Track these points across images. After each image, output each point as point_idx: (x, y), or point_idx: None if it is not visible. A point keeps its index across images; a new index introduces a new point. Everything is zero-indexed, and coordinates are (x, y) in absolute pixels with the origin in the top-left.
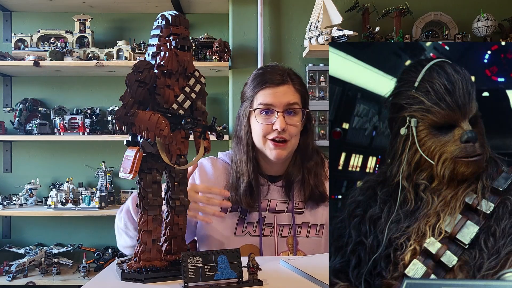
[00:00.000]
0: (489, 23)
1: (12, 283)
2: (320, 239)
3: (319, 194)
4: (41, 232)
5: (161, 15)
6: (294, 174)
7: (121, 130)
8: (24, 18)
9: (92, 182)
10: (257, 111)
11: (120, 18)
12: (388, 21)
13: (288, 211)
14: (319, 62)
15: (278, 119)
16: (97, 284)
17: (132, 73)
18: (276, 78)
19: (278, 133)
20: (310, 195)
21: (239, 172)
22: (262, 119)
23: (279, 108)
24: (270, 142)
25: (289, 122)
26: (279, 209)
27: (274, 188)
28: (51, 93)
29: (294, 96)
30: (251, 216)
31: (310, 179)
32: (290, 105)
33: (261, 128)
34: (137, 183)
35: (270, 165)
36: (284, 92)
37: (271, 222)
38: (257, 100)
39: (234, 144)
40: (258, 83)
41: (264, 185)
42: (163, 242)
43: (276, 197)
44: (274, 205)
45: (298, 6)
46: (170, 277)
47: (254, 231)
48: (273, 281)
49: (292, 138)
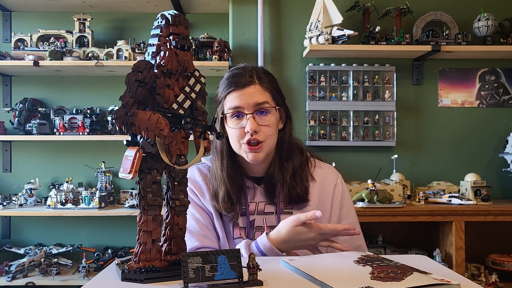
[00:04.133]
0: (489, 22)
1: (11, 283)
2: None
3: (296, 195)
4: (40, 232)
5: (161, 14)
6: (274, 174)
7: (121, 130)
8: (24, 18)
9: (91, 182)
10: (228, 116)
11: (120, 18)
12: (389, 20)
13: (276, 212)
14: (319, 62)
15: (248, 121)
16: (97, 284)
17: (132, 73)
18: (241, 80)
19: (251, 135)
20: (289, 195)
21: (216, 179)
22: (234, 123)
23: (248, 110)
24: (244, 145)
25: (261, 122)
26: (267, 211)
27: (260, 190)
28: (50, 93)
29: (263, 95)
30: (241, 220)
31: (287, 178)
32: (259, 105)
33: (234, 132)
34: (137, 183)
35: (251, 167)
36: (251, 93)
37: (261, 225)
38: (227, 104)
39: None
40: (225, 86)
41: (250, 187)
42: (163, 242)
43: (264, 199)
44: (263, 207)
45: (298, 6)
46: (170, 278)
47: (246, 235)
48: (273, 281)
49: (267, 139)
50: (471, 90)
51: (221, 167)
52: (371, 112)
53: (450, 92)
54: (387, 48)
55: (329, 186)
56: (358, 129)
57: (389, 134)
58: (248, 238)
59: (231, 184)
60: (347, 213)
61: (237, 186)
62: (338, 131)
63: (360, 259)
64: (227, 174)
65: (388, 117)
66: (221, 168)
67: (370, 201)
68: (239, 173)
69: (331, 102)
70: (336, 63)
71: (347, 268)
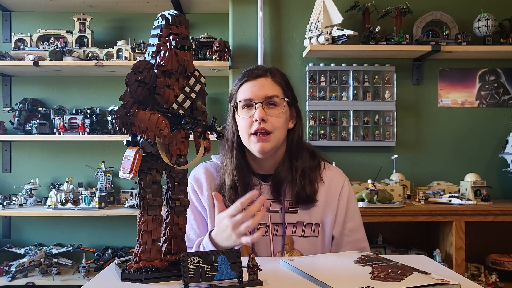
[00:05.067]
0: (489, 22)
1: (11, 283)
2: (316, 238)
3: (305, 195)
4: (40, 232)
5: (161, 14)
6: (283, 174)
7: (121, 130)
8: (24, 18)
9: (91, 182)
10: (239, 107)
11: (120, 18)
12: (389, 20)
13: (281, 210)
14: (319, 62)
15: (257, 110)
16: (97, 284)
17: (132, 73)
18: (254, 72)
19: (259, 124)
20: (297, 195)
21: (225, 172)
22: (244, 113)
23: (257, 100)
24: (253, 136)
25: (270, 113)
26: (273, 209)
27: (266, 187)
28: (50, 93)
29: (273, 88)
30: None
31: (297, 178)
32: (269, 97)
33: (244, 122)
34: (137, 183)
35: (259, 163)
36: (262, 85)
37: (266, 222)
38: (238, 96)
39: (221, 145)
40: (238, 79)
41: (257, 184)
42: (163, 242)
43: (270, 197)
44: (268, 205)
45: (298, 6)
46: (170, 278)
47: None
48: (273, 281)
49: (276, 130)
50: (471, 90)
51: (231, 159)
52: (371, 112)
53: (450, 92)
54: (387, 48)
55: (336, 188)
56: (358, 129)
57: (389, 134)
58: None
59: (238, 175)
60: (352, 215)
61: (244, 179)
62: (338, 131)
63: (360, 259)
64: (236, 165)
65: (388, 117)
66: (230, 159)
67: (370, 201)
68: (246, 169)
69: (331, 102)
70: (336, 63)
71: (347, 268)
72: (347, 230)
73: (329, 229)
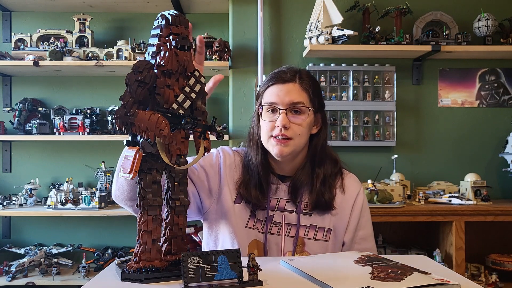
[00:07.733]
0: (489, 22)
1: (11, 283)
2: (327, 242)
3: (325, 202)
4: (40, 232)
5: (161, 14)
6: (302, 178)
7: (120, 130)
8: (24, 18)
9: (91, 182)
10: (264, 109)
11: (120, 18)
12: (389, 20)
13: (296, 211)
14: (319, 62)
15: (281, 116)
16: (97, 284)
17: (132, 73)
18: (283, 76)
19: (280, 130)
20: (316, 200)
21: (250, 168)
22: (268, 117)
23: (282, 106)
24: (272, 139)
25: (293, 120)
26: (287, 209)
27: (283, 187)
28: (50, 93)
29: (300, 95)
30: (260, 213)
31: (317, 184)
32: (294, 104)
33: (266, 125)
34: (137, 183)
35: (279, 164)
36: (288, 91)
37: (279, 221)
38: (264, 98)
39: (247, 142)
40: (267, 80)
41: (274, 183)
42: (163, 242)
43: (286, 197)
44: (283, 204)
45: (298, 6)
46: (170, 278)
47: (262, 228)
48: (273, 281)
49: (296, 138)
50: (471, 90)
51: (256, 157)
52: (371, 112)
53: (450, 92)
54: (387, 48)
55: (351, 195)
56: (358, 129)
57: (389, 134)
58: (264, 232)
59: (264, 174)
60: (364, 224)
61: (266, 178)
62: (338, 131)
63: (360, 259)
64: (261, 164)
65: (388, 117)
66: (256, 157)
67: (370, 201)
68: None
69: (331, 102)
70: (336, 63)
71: (347, 268)
72: (358, 238)
73: (341, 235)
